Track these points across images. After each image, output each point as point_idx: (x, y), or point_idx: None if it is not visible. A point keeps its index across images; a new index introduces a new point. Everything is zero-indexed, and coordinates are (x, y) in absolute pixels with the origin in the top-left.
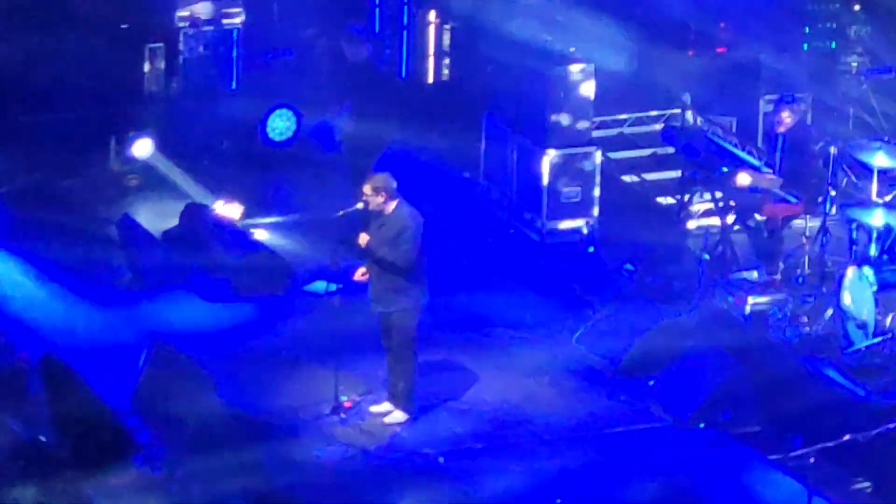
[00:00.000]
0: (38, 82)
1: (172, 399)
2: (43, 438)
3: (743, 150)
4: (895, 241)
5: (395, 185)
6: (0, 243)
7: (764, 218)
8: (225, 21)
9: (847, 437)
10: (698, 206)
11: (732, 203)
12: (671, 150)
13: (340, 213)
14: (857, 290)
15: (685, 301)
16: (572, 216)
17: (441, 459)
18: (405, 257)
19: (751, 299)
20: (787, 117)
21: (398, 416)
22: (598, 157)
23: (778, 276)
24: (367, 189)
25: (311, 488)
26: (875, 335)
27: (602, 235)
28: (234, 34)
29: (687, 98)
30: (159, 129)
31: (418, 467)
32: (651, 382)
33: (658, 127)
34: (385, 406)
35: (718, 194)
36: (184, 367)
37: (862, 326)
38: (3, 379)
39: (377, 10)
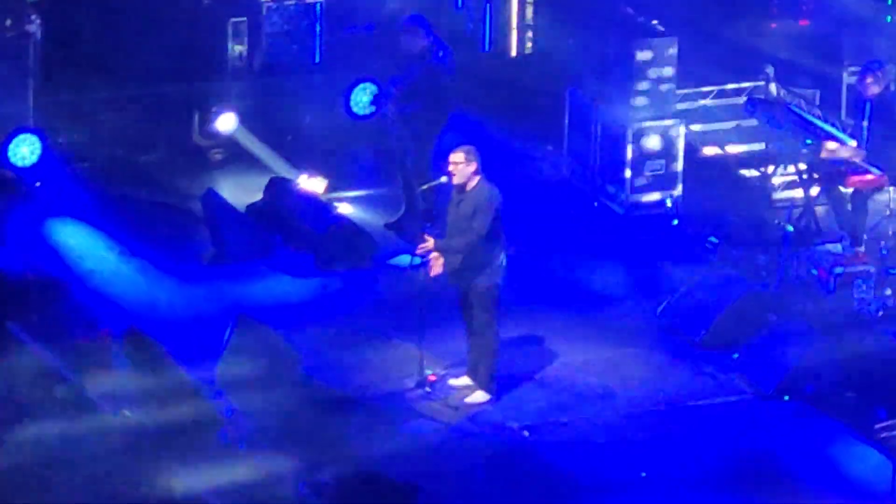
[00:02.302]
0: (122, 57)
1: (257, 373)
2: (128, 413)
3: (826, 122)
4: None
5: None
6: (84, 218)
7: (848, 190)
8: None
9: None
10: (782, 179)
11: (816, 175)
12: (755, 122)
13: (424, 186)
14: None
15: (769, 273)
16: (656, 189)
17: (526, 433)
18: (478, 232)
19: (835, 272)
20: (871, 83)
21: (479, 395)
22: (681, 129)
23: (862, 249)
24: (458, 157)
25: (398, 463)
26: None
27: (686, 208)
28: (318, 8)
29: (770, 70)
30: (243, 104)
31: (503, 441)
32: (735, 355)
33: (741, 100)
34: (464, 380)
35: (802, 166)
36: (268, 341)
37: None
38: (89, 353)
39: None
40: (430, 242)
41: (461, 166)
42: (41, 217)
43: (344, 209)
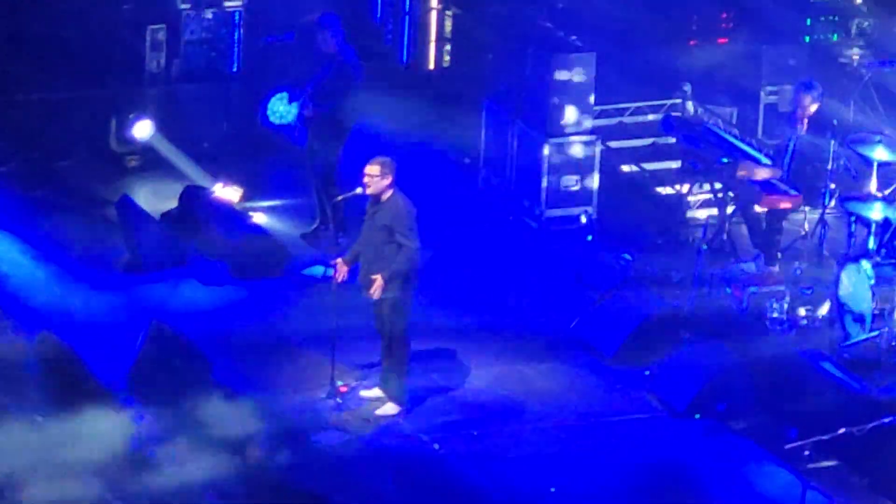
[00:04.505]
0: (39, 62)
1: (168, 380)
2: (39, 418)
3: (743, 141)
4: (894, 235)
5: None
6: None
7: (763, 209)
8: (227, 3)
9: (842, 430)
10: (697, 197)
11: (732, 194)
12: (671, 140)
13: (340, 197)
14: (855, 284)
15: (683, 291)
16: (571, 205)
17: (436, 446)
18: (414, 244)
19: (748, 291)
20: (809, 103)
21: (390, 407)
22: (597, 145)
23: (776, 268)
24: (373, 170)
25: (306, 473)
26: (872, 329)
27: (600, 224)
28: (236, 17)
29: (688, 88)
30: (160, 111)
31: (414, 454)
32: (647, 372)
33: (658, 117)
34: (376, 392)
35: (718, 185)
36: (180, 348)
37: (859, 320)
38: (0, 358)
39: None
40: (342, 266)
41: (376, 179)
42: None
43: (259, 218)
